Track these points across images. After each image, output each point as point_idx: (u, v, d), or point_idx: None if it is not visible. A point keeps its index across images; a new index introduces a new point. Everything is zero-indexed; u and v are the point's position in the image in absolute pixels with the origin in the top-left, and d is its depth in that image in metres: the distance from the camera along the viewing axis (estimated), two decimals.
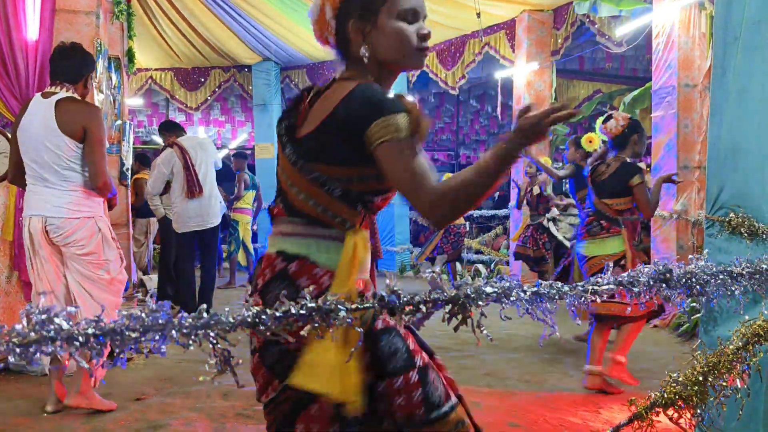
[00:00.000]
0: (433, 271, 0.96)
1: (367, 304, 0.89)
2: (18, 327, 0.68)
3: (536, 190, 7.78)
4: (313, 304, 0.85)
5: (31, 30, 4.54)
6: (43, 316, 0.67)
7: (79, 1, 4.93)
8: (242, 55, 11.31)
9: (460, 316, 0.95)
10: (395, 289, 0.92)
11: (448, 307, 0.95)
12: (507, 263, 8.89)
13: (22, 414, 3.49)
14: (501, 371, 4.60)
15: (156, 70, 11.56)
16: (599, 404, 3.84)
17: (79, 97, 3.49)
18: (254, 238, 9.56)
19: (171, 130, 6.20)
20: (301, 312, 0.84)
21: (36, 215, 3.39)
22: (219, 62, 11.59)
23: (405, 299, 0.92)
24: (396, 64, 1.54)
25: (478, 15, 7.95)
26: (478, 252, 11.24)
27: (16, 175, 3.57)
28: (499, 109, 10.00)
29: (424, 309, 0.93)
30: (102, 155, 3.43)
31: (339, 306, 0.86)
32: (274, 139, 12.29)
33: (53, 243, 3.41)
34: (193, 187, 5.82)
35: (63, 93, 3.43)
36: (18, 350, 0.65)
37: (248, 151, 11.50)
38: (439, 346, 4.88)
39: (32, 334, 0.66)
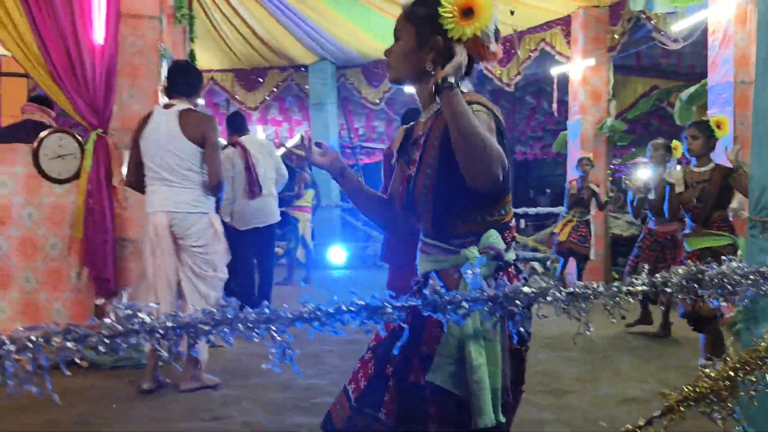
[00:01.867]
0: (473, 271, 1.03)
1: (413, 302, 0.97)
2: (107, 321, 0.78)
3: (594, 187, 7.74)
4: (362, 302, 0.94)
5: (98, 35, 4.75)
6: (129, 311, 0.78)
7: (144, 6, 5.11)
8: (299, 55, 11.51)
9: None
10: (438, 288, 0.99)
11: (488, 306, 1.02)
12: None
13: (99, 402, 3.70)
14: (554, 370, 4.62)
15: (217, 71, 11.86)
16: (650, 401, 3.83)
17: (194, 108, 4.00)
18: (312, 235, 9.75)
19: (236, 128, 6.38)
20: (351, 309, 0.93)
21: (161, 211, 3.83)
22: (277, 62, 11.81)
23: (447, 298, 1.00)
24: None
25: (512, 13, 7.94)
26: (533, 249, 11.18)
27: (135, 178, 3.99)
28: (555, 106, 9.91)
29: (466, 306, 1.00)
30: (219, 157, 3.92)
31: (386, 303, 0.94)
32: (330, 138, 12.51)
33: (174, 237, 3.84)
34: (254, 188, 6.01)
35: (182, 105, 3.94)
36: (107, 341, 0.76)
37: None
38: None
39: (119, 327, 0.76)
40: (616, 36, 8.51)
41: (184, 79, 4.04)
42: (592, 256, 7.91)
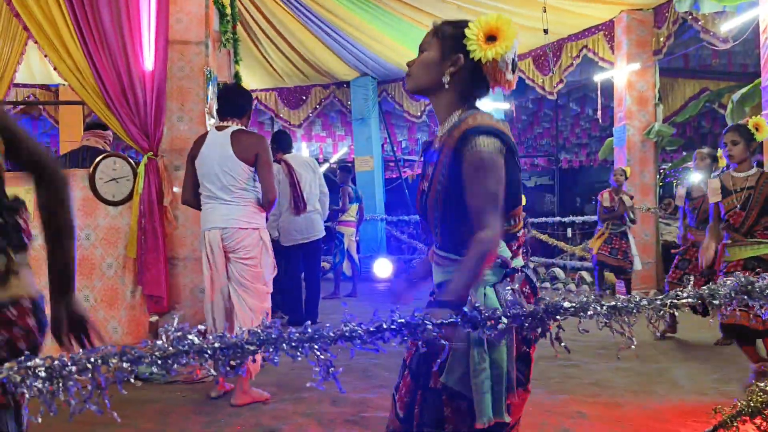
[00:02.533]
0: (513, 288, 1.04)
1: (452, 320, 0.98)
2: (159, 343, 0.82)
3: (626, 199, 7.66)
4: (402, 320, 0.95)
5: (147, 61, 4.91)
6: (179, 333, 0.81)
7: (190, 33, 5.28)
8: (340, 72, 11.65)
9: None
10: (477, 305, 1.00)
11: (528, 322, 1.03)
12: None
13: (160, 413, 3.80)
14: (607, 380, 4.54)
15: (261, 90, 12.09)
16: (709, 414, 3.73)
17: (246, 129, 4.15)
18: (357, 248, 9.82)
19: (281, 145, 6.50)
20: (392, 327, 0.95)
21: (215, 228, 3.99)
22: (319, 80, 11.98)
23: (487, 314, 1.01)
24: None
25: (546, 32, 7.89)
26: (581, 258, 11.01)
27: (191, 196, 4.17)
28: (599, 112, 9.80)
29: (505, 322, 1.01)
30: (272, 175, 4.07)
31: (425, 321, 0.95)
32: (373, 152, 12.63)
33: (225, 252, 3.99)
34: (299, 204, 6.12)
35: (234, 126, 4.09)
36: (159, 362, 0.79)
37: (349, 164, 11.80)
38: (543, 355, 4.86)
39: (170, 348, 0.80)
40: (662, 38, 8.37)
41: (234, 101, 4.19)
42: (637, 266, 7.78)
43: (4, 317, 1.34)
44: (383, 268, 11.67)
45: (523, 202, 1.92)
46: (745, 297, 1.20)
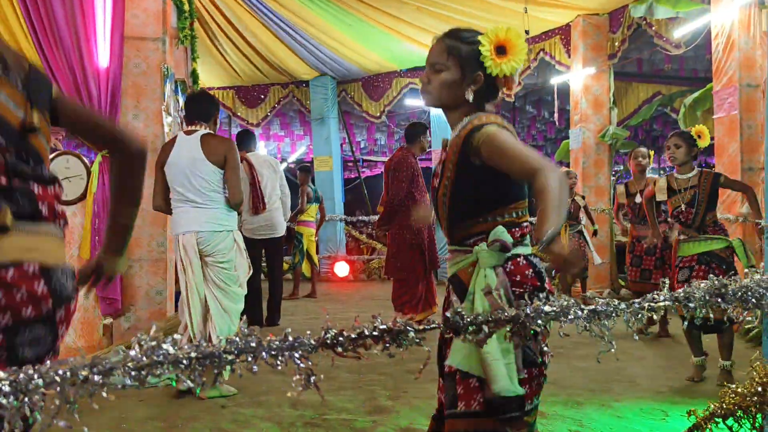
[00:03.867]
0: (492, 291, 1.03)
1: (434, 326, 0.97)
2: (132, 353, 0.78)
3: (579, 200, 7.81)
4: (384, 326, 0.93)
5: (102, 58, 4.79)
6: (153, 343, 0.77)
7: (147, 29, 5.17)
8: (299, 71, 11.57)
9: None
10: (459, 310, 0.99)
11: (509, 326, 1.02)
12: None
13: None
14: (566, 379, 4.58)
15: (219, 89, 11.93)
16: (666, 412, 3.81)
17: (214, 133, 4.26)
18: (317, 249, 9.78)
19: (245, 144, 6.44)
20: (374, 333, 0.93)
21: (189, 231, 4.06)
22: (278, 79, 11.88)
23: (468, 320, 0.99)
24: None
25: (527, 32, 7.96)
26: (540, 259, 11.13)
27: (162, 201, 4.23)
28: (556, 115, 9.93)
29: (486, 329, 0.99)
30: (238, 177, 4.14)
31: (408, 328, 0.93)
32: (332, 152, 12.61)
33: (202, 255, 4.06)
34: (258, 204, 6.08)
35: (202, 130, 4.17)
36: (133, 373, 0.75)
37: (307, 164, 11.74)
38: None
39: (144, 359, 0.76)
40: (617, 43, 8.52)
41: (201, 105, 4.28)
42: (597, 261, 7.93)
43: (2, 278, 1.33)
44: (342, 268, 11.66)
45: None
46: (719, 300, 1.21)
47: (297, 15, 9.29)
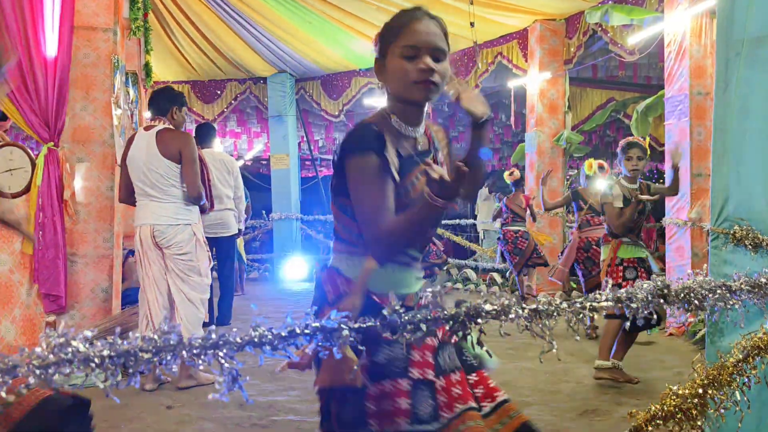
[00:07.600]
0: (432, 291, 1.00)
1: (370, 324, 0.93)
2: (38, 350, 0.72)
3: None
4: (317, 324, 0.89)
5: (50, 47, 4.63)
6: (61, 340, 0.71)
7: (97, 19, 5.03)
8: (258, 68, 11.43)
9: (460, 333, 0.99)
10: (396, 308, 0.95)
11: (449, 325, 0.99)
12: None
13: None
14: (514, 380, 4.61)
15: (173, 83, 11.68)
16: (611, 413, 3.85)
17: (173, 127, 4.32)
18: (248, 249, 10.21)
19: (201, 139, 6.30)
20: (306, 331, 0.88)
21: (145, 224, 4.17)
22: (235, 74, 11.71)
23: (406, 318, 0.96)
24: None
25: (472, 24, 8.02)
26: (494, 260, 11.23)
27: (126, 195, 4.33)
28: (512, 118, 10.02)
29: (424, 328, 0.96)
30: (195, 172, 4.19)
31: (342, 325, 0.89)
32: (289, 150, 12.49)
33: (159, 247, 4.16)
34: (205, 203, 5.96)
35: (160, 125, 4.27)
36: (38, 372, 0.70)
37: (264, 162, 11.65)
38: None
39: (51, 356, 0.70)
40: (573, 49, 8.63)
41: (157, 101, 4.38)
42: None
43: None
44: (297, 268, 11.60)
45: None
46: (662, 300, 1.21)
47: (253, 9, 9.16)
